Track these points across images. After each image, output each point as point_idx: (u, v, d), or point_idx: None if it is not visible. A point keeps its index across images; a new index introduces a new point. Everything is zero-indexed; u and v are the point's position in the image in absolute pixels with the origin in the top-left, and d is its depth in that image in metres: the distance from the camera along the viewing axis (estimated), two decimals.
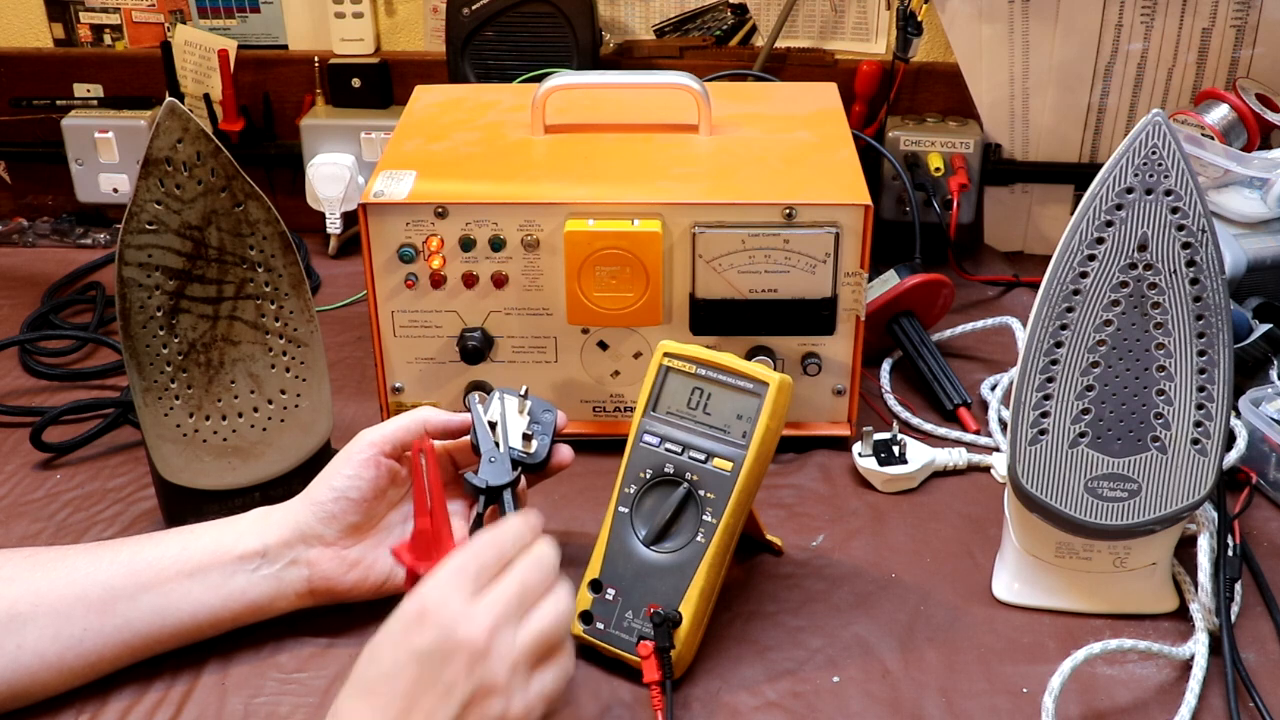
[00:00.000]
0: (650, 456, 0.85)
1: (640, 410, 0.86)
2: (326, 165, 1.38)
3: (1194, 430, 0.81)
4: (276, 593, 0.83)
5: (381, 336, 1.04)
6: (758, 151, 1.08)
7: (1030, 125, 1.35)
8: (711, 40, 1.41)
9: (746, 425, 0.83)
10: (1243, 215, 1.16)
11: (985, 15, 1.29)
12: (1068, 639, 0.86)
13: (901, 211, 1.34)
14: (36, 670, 0.78)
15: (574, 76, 1.11)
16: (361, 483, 0.84)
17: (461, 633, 0.68)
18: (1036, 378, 0.82)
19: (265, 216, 0.88)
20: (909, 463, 1.01)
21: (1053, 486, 0.84)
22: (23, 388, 1.18)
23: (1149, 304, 0.80)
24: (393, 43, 1.44)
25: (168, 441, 0.91)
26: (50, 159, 1.45)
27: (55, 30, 1.45)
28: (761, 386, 0.83)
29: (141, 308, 0.87)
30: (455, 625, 0.68)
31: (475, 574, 0.70)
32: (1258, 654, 0.85)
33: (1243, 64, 1.29)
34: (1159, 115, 0.77)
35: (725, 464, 0.83)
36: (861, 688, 0.82)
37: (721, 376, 0.85)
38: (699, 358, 0.85)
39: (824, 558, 0.94)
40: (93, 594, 0.80)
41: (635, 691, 0.82)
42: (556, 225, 0.99)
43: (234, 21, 1.43)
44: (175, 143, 0.84)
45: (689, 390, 0.85)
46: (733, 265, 1.00)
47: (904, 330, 1.16)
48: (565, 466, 0.88)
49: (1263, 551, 0.94)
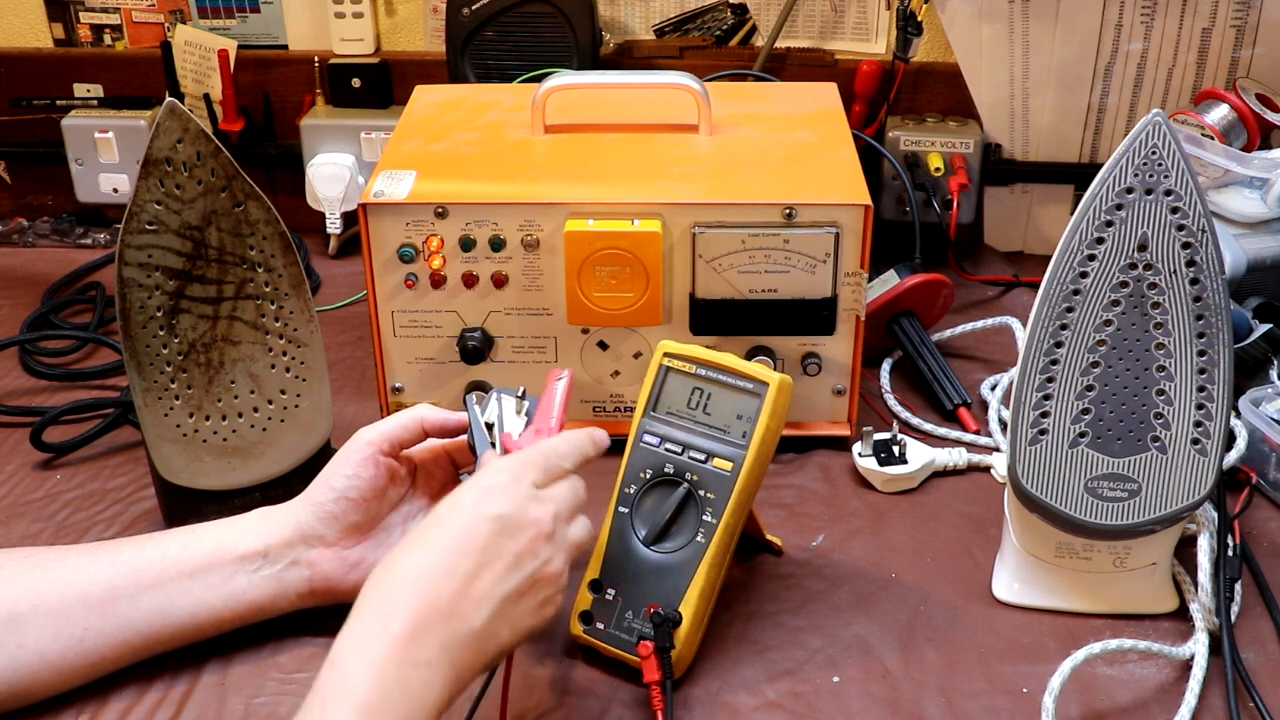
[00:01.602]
0: (650, 456, 0.85)
1: (640, 410, 0.86)
2: (326, 165, 1.38)
3: (1194, 430, 0.81)
4: (277, 593, 0.83)
5: (381, 336, 1.04)
6: (758, 151, 1.08)
7: (1030, 125, 1.35)
8: (711, 40, 1.41)
9: (746, 425, 0.83)
10: (1243, 215, 1.16)
11: (985, 15, 1.29)
12: (1068, 639, 0.86)
13: (901, 211, 1.34)
14: (37, 669, 0.78)
15: (574, 76, 1.11)
16: (361, 482, 0.84)
17: (533, 512, 0.74)
18: (1036, 378, 0.82)
19: (265, 216, 0.88)
20: (909, 463, 1.01)
21: (1053, 486, 0.84)
22: (23, 388, 1.18)
23: (1149, 304, 0.80)
24: (393, 43, 1.44)
25: (168, 441, 0.91)
26: (50, 159, 1.45)
27: (55, 30, 1.45)
28: (761, 386, 0.83)
29: (141, 308, 0.87)
30: (527, 504, 0.74)
31: (544, 468, 0.77)
32: (1258, 654, 0.85)
33: (1243, 64, 1.29)
34: (1159, 115, 0.77)
35: (725, 464, 0.83)
36: (861, 688, 0.82)
37: (722, 377, 0.85)
38: (699, 358, 0.85)
39: (824, 558, 0.94)
40: (93, 594, 0.80)
41: (635, 691, 0.82)
42: (556, 225, 0.99)
43: (234, 21, 1.43)
44: (175, 143, 0.84)
45: (689, 390, 0.85)
46: (733, 265, 1.00)
47: (904, 330, 1.16)
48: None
49: (1263, 551, 0.94)
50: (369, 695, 0.65)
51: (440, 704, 0.68)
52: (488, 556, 0.71)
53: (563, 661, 0.85)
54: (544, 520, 0.74)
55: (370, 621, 0.69)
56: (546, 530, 0.74)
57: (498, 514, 0.73)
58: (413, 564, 0.71)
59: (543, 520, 0.74)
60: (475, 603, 0.70)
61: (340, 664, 0.67)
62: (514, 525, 0.73)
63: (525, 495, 0.74)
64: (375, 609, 0.69)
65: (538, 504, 0.75)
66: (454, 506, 0.74)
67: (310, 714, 0.65)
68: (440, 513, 0.74)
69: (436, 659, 0.68)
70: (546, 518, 0.74)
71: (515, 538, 0.73)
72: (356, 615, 0.69)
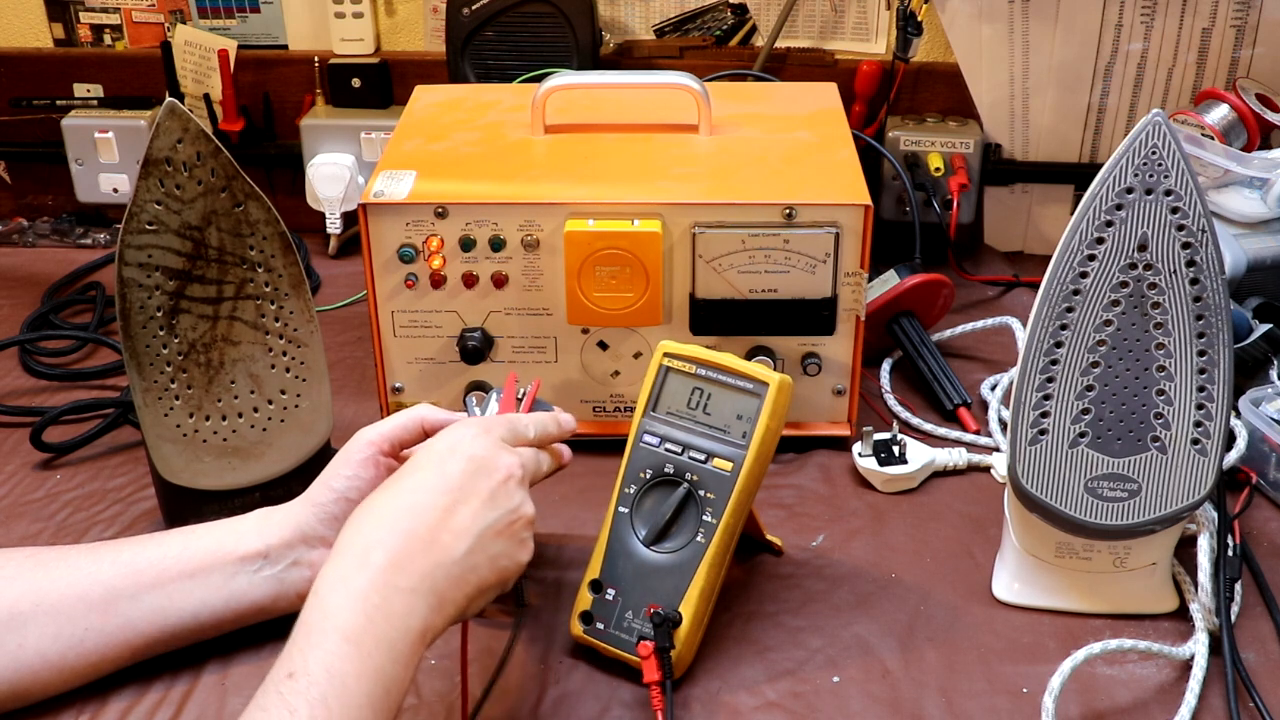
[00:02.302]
0: (650, 457, 0.85)
1: (640, 410, 0.86)
2: (326, 165, 1.38)
3: (1194, 430, 0.81)
4: (278, 594, 0.83)
5: (381, 336, 1.04)
6: (758, 151, 1.08)
7: (1030, 125, 1.35)
8: (711, 40, 1.41)
9: (746, 425, 0.83)
10: (1243, 215, 1.16)
11: (985, 15, 1.29)
12: (1068, 639, 0.86)
13: (901, 211, 1.34)
14: (38, 669, 0.78)
15: (574, 76, 1.11)
16: (361, 483, 0.84)
17: (503, 459, 0.77)
18: (1036, 378, 0.82)
19: (265, 216, 0.88)
20: (909, 463, 1.01)
21: (1053, 486, 0.84)
22: (23, 388, 1.18)
23: (1149, 304, 0.80)
24: (393, 43, 1.44)
25: (168, 441, 0.91)
26: (50, 159, 1.45)
27: (55, 30, 1.45)
28: (761, 386, 0.83)
29: (141, 308, 0.87)
30: (498, 451, 0.77)
31: (510, 428, 0.80)
32: (1258, 654, 0.85)
33: (1243, 64, 1.29)
34: (1159, 115, 0.77)
35: (725, 464, 0.83)
36: (861, 688, 0.82)
37: (721, 377, 0.85)
38: (699, 358, 0.85)
39: (824, 558, 0.94)
40: (94, 594, 0.80)
41: (635, 691, 0.82)
42: (556, 225, 0.99)
43: (234, 21, 1.43)
44: (175, 143, 0.84)
45: (689, 390, 0.85)
46: (733, 265, 1.00)
47: (904, 330, 1.16)
48: (564, 466, 0.88)
49: (1263, 551, 0.94)
50: (353, 622, 0.67)
51: (425, 631, 0.70)
52: (464, 493, 0.74)
53: (563, 661, 0.85)
54: (514, 466, 0.77)
55: (350, 557, 0.71)
56: (517, 475, 0.77)
57: (471, 454, 0.76)
58: (389, 503, 0.74)
59: (513, 466, 0.77)
60: (455, 534, 0.73)
61: (322, 595, 0.69)
62: (487, 466, 0.76)
63: (495, 444, 0.78)
64: (354, 546, 0.71)
65: (507, 453, 0.78)
66: (427, 452, 0.77)
67: (295, 645, 0.67)
68: (415, 460, 0.77)
69: (418, 585, 0.70)
70: (515, 465, 0.77)
71: (489, 476, 0.76)
72: (336, 554, 0.71)
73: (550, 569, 0.92)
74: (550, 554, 0.93)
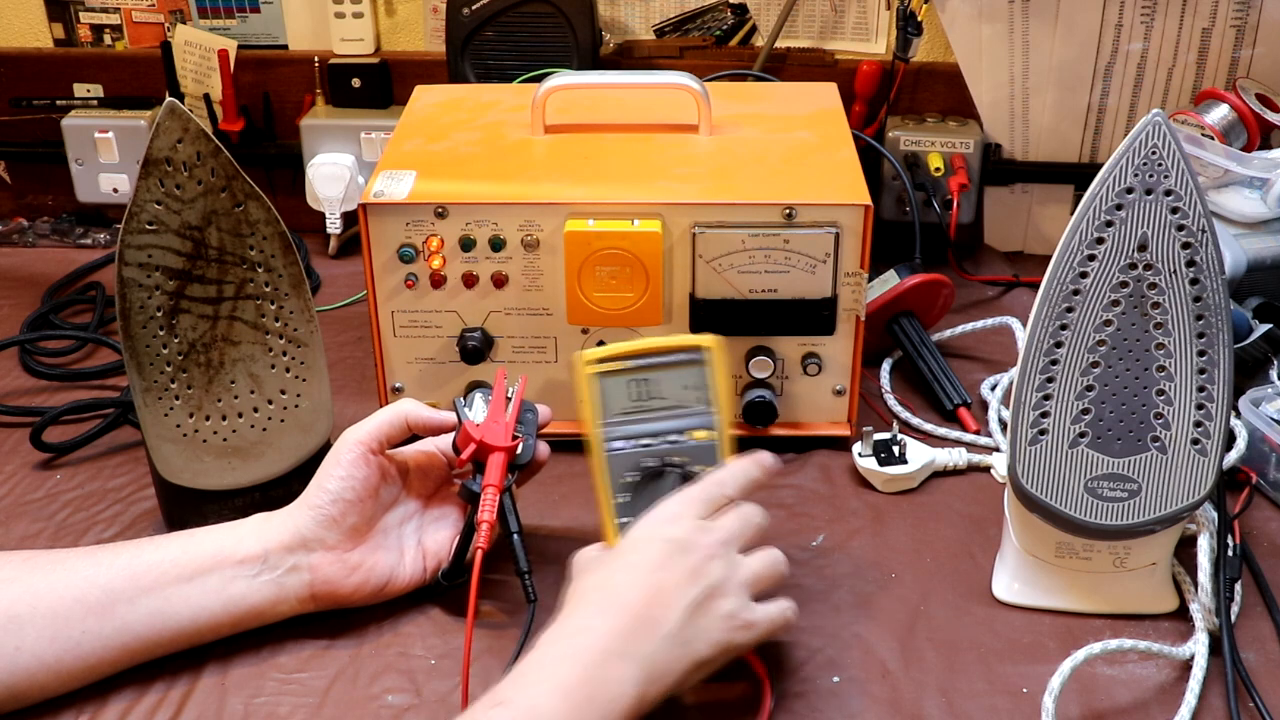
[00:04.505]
0: (627, 460, 0.84)
1: (593, 426, 0.83)
2: (326, 165, 1.38)
3: (1194, 430, 0.81)
4: (278, 598, 0.83)
5: (381, 336, 1.04)
6: (758, 151, 1.08)
7: (1030, 125, 1.35)
8: (711, 40, 1.41)
9: (700, 392, 0.84)
10: (1243, 215, 1.16)
11: (985, 15, 1.29)
12: (1068, 639, 0.86)
13: (901, 211, 1.34)
14: (34, 672, 0.78)
15: (574, 76, 1.11)
16: (355, 482, 0.84)
17: (701, 538, 0.78)
18: (1036, 378, 0.82)
19: (265, 216, 0.88)
20: (909, 463, 1.01)
21: (1053, 486, 0.84)
22: (23, 388, 1.18)
23: (1149, 304, 0.80)
24: (393, 43, 1.44)
25: (168, 442, 0.91)
26: (50, 159, 1.45)
27: (55, 30, 1.45)
28: (698, 352, 0.84)
29: (141, 308, 0.87)
30: (694, 533, 0.78)
31: (706, 500, 0.80)
32: (1258, 654, 0.85)
33: (1243, 64, 1.29)
34: (1159, 115, 0.77)
35: (702, 433, 0.83)
36: (861, 688, 0.82)
37: (655, 360, 0.84)
38: (624, 352, 0.84)
39: (824, 558, 0.94)
40: (91, 597, 0.79)
41: None
42: (556, 225, 0.99)
43: (234, 21, 1.43)
44: (175, 143, 0.84)
45: (628, 386, 0.84)
46: (733, 265, 1.00)
47: (904, 330, 1.16)
48: (543, 464, 0.89)
49: (1263, 551, 0.94)
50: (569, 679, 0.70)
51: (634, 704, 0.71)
52: (666, 572, 0.76)
53: None
54: (712, 545, 0.78)
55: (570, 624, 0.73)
56: (715, 553, 0.77)
57: (669, 537, 0.77)
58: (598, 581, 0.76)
59: (711, 545, 0.78)
60: (665, 607, 0.74)
61: (543, 648, 0.72)
62: (684, 546, 0.77)
63: (691, 525, 0.78)
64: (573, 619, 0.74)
65: (704, 532, 0.78)
66: (629, 538, 0.79)
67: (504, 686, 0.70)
68: (617, 547, 0.79)
69: (634, 652, 0.72)
70: (714, 542, 0.78)
71: (688, 555, 0.77)
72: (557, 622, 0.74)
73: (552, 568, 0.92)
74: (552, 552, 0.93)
